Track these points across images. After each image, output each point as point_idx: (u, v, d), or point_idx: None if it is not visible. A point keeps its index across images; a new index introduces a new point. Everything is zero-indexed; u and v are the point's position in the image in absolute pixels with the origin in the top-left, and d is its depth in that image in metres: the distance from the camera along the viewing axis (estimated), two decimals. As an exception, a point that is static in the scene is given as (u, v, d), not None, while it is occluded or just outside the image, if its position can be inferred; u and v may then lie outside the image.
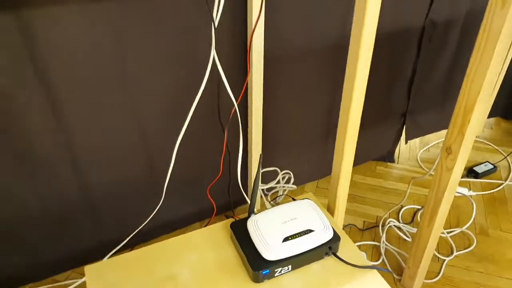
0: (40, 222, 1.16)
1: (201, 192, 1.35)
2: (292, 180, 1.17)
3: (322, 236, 0.92)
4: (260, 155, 0.91)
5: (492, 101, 1.98)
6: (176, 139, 1.14)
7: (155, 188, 1.30)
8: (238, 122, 1.21)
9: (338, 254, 0.95)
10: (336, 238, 0.94)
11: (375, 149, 1.85)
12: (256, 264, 0.88)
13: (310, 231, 0.92)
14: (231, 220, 1.02)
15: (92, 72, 1.02)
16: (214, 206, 1.25)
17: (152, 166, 1.25)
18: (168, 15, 1.04)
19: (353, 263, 0.93)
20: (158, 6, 1.01)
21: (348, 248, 0.98)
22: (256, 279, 0.88)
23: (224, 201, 1.45)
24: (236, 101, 1.10)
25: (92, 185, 1.19)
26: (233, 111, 1.15)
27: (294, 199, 1.05)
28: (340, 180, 1.09)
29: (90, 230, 1.28)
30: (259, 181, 0.94)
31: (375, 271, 0.92)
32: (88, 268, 0.92)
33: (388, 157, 1.90)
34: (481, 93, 0.89)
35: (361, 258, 0.95)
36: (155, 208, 1.27)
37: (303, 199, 1.03)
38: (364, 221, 1.56)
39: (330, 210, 1.16)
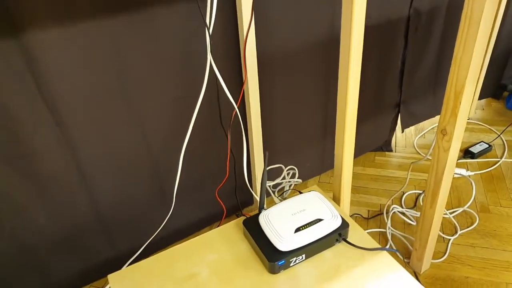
0: (54, 241, 1.18)
1: (209, 197, 1.39)
2: (297, 175, 1.21)
3: (331, 224, 0.97)
4: (266, 152, 0.95)
5: (481, 83, 2.03)
6: (181, 148, 1.18)
7: (164, 197, 1.33)
8: (240, 125, 1.25)
9: (348, 240, 1.00)
10: (345, 225, 0.99)
11: (373, 140, 1.89)
12: (272, 255, 0.92)
13: (319, 220, 0.97)
14: (242, 218, 1.06)
15: (94, 89, 1.05)
16: (224, 208, 1.29)
17: (160, 176, 1.29)
18: (165, 28, 1.07)
19: (363, 246, 0.97)
20: (154, 20, 1.05)
21: (357, 233, 1.03)
22: (273, 270, 0.92)
23: (231, 203, 1.48)
24: (236, 104, 1.14)
25: (102, 199, 1.22)
26: (233, 114, 1.19)
27: (300, 192, 1.09)
28: (343, 169, 1.14)
29: (104, 244, 1.31)
30: (266, 178, 0.98)
31: (385, 252, 0.96)
32: (111, 276, 0.96)
33: (386, 146, 1.94)
34: (469, 75, 0.93)
35: (371, 241, 1.00)
36: (166, 217, 1.31)
37: (310, 191, 1.08)
38: (368, 210, 1.60)
39: (336, 200, 1.21)
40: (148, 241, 1.31)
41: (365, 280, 0.91)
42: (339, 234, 0.98)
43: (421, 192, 1.66)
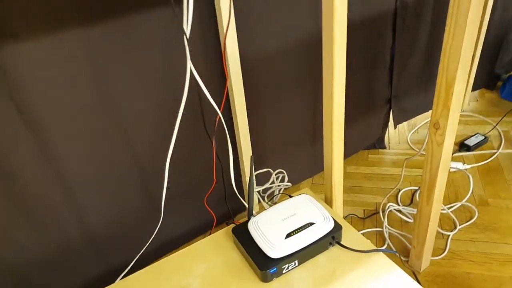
0: (42, 261, 1.14)
1: (200, 205, 1.35)
2: (286, 178, 1.17)
3: (323, 227, 0.93)
4: (251, 156, 0.91)
5: (474, 73, 2.00)
6: (166, 157, 1.14)
7: (153, 208, 1.29)
8: (225, 130, 1.21)
9: (342, 242, 0.95)
10: (337, 227, 0.94)
11: (365, 138, 1.86)
12: (263, 264, 0.88)
13: (311, 224, 0.93)
14: (232, 226, 1.02)
15: (74, 103, 1.01)
16: (214, 216, 1.25)
17: (147, 187, 1.25)
18: (143, 35, 1.04)
19: (358, 249, 0.93)
20: (132, 27, 1.01)
21: (351, 235, 0.99)
22: (265, 279, 0.88)
23: (223, 210, 1.44)
24: (219, 109, 1.10)
25: (89, 214, 1.18)
26: (217, 119, 1.15)
27: (290, 196, 1.05)
28: (333, 168, 1.10)
29: (94, 261, 1.27)
30: (253, 183, 0.94)
31: (381, 254, 0.92)
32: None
33: (379, 143, 1.91)
34: (460, 65, 0.90)
35: (366, 243, 0.96)
36: (156, 228, 1.27)
37: (300, 195, 1.04)
38: (364, 210, 1.56)
39: (328, 201, 1.17)
40: (137, 256, 1.26)
41: (362, 283, 0.87)
42: (332, 237, 0.94)
43: (417, 188, 1.62)
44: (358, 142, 1.83)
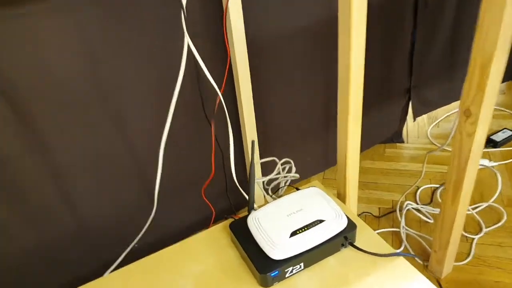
0: (31, 253, 1.06)
1: (198, 197, 1.23)
2: (294, 169, 1.05)
3: (335, 225, 0.80)
4: (253, 141, 0.79)
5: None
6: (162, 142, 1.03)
7: (149, 201, 1.18)
8: (225, 113, 1.08)
9: (356, 244, 0.83)
10: (351, 226, 0.82)
11: (381, 131, 1.73)
12: (263, 266, 0.75)
13: (320, 221, 0.80)
14: (230, 220, 0.89)
15: (65, 88, 0.92)
16: (213, 209, 1.13)
17: (142, 178, 1.14)
18: (138, 9, 0.92)
19: (374, 252, 0.81)
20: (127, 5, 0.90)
21: (366, 236, 0.86)
22: (265, 283, 0.76)
23: (224, 205, 1.32)
24: (220, 89, 0.98)
25: (81, 206, 1.09)
26: (218, 101, 1.03)
27: (298, 189, 0.93)
28: (347, 160, 0.97)
29: (86, 255, 1.17)
30: (254, 171, 0.82)
31: (401, 258, 0.80)
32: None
33: (396, 137, 1.78)
34: (500, 38, 0.77)
35: (383, 245, 0.83)
36: (148, 221, 1.15)
37: (309, 187, 0.91)
38: (379, 208, 1.43)
39: (341, 198, 1.04)
40: (126, 251, 1.15)
41: (378, 293, 0.74)
42: (345, 238, 0.81)
43: (438, 186, 1.49)
44: (374, 135, 1.70)
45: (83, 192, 1.07)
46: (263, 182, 1.19)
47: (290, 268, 0.77)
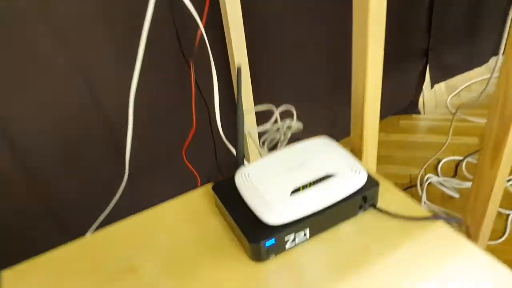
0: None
1: (181, 161, 1.03)
2: (295, 115, 0.85)
3: (350, 181, 0.60)
4: (239, 68, 0.59)
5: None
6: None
7: (121, 168, 0.99)
8: (208, 51, 0.88)
9: (379, 205, 0.63)
10: (372, 183, 0.62)
11: (395, 100, 1.57)
12: (254, 233, 0.56)
13: (330, 176, 0.60)
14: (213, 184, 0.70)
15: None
16: (196, 174, 0.93)
17: (113, 135, 0.94)
18: None
19: (404, 214, 0.61)
20: None
21: (390, 196, 0.66)
22: (257, 256, 0.56)
23: (212, 169, 1.13)
24: (201, 20, 0.78)
25: (43, 174, 0.92)
26: (198, 35, 0.82)
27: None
28: (365, 110, 0.77)
29: (53, 229, 1.01)
30: (242, 106, 0.61)
31: (440, 223, 0.60)
32: (6, 274, 0.61)
33: (412, 108, 1.62)
34: None
35: (414, 207, 0.64)
36: (119, 190, 0.96)
37: (316, 138, 0.71)
38: (396, 183, 1.24)
39: (356, 154, 0.84)
40: (94, 226, 0.96)
41: (414, 266, 0.54)
42: (364, 198, 0.61)
43: (461, 158, 1.30)
44: (387, 105, 1.50)
45: (43, 154, 0.91)
46: (259, 133, 0.95)
47: (291, 237, 0.57)
